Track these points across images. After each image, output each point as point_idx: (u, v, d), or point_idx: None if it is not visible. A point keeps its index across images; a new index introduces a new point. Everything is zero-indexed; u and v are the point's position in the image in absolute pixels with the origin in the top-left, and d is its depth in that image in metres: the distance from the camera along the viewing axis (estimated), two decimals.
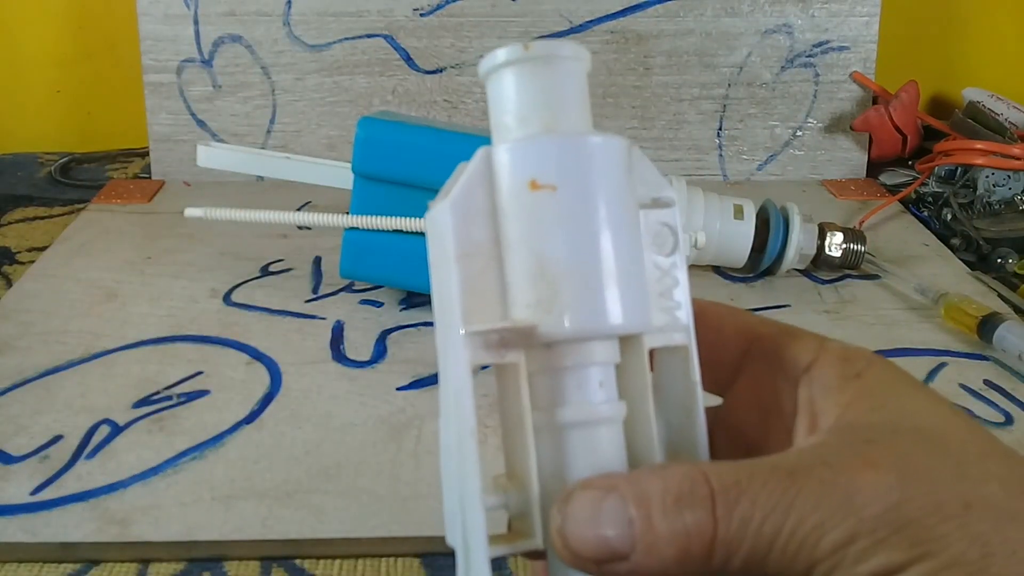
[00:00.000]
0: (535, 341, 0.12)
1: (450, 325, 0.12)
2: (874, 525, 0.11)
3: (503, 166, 0.12)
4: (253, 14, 0.44)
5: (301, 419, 0.27)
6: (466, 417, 0.12)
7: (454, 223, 0.12)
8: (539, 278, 0.12)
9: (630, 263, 0.12)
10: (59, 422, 0.27)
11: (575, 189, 0.12)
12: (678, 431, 0.14)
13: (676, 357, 0.14)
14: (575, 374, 0.13)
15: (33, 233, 0.41)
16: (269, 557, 0.23)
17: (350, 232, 0.32)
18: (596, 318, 0.12)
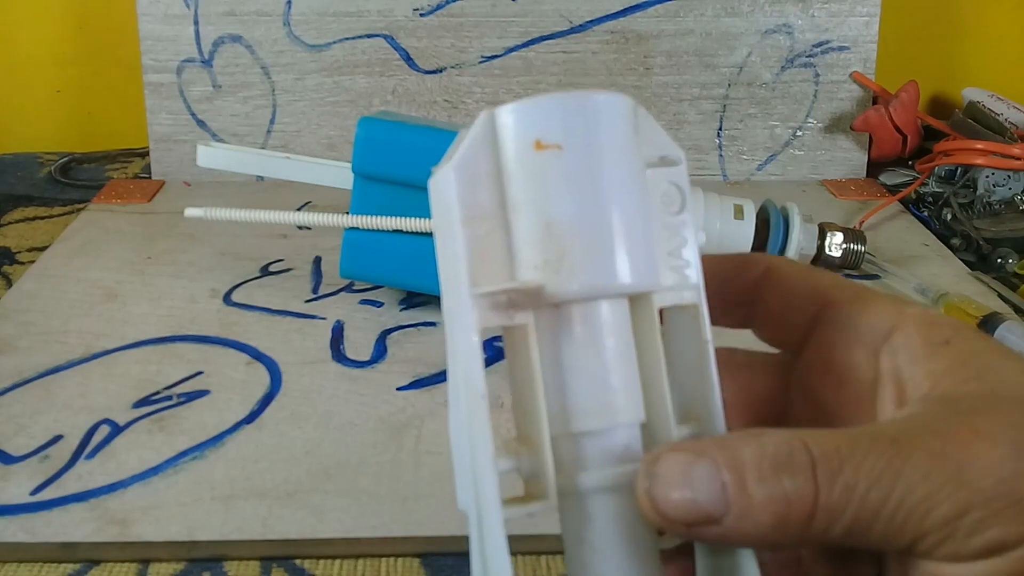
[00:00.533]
0: (543, 301, 0.12)
1: (457, 289, 0.12)
2: (988, 497, 0.11)
3: (507, 127, 0.12)
4: (253, 14, 0.44)
5: (301, 419, 0.27)
6: (475, 380, 0.12)
7: (458, 187, 0.12)
8: (546, 238, 0.12)
9: (638, 221, 0.12)
10: (59, 422, 0.27)
11: (581, 148, 0.12)
12: (691, 391, 0.14)
13: (686, 316, 0.13)
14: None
15: (33, 233, 0.41)
16: (269, 557, 0.23)
17: (350, 232, 0.32)
18: (604, 277, 0.12)
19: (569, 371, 0.12)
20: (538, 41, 0.45)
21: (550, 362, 0.13)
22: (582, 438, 0.12)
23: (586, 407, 0.12)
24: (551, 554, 0.22)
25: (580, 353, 0.12)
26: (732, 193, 0.36)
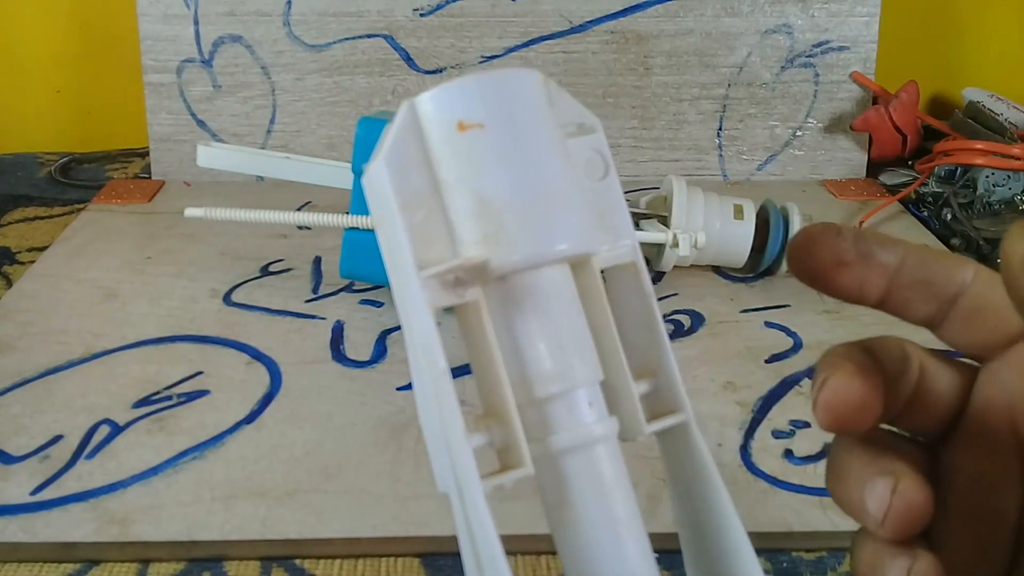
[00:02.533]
0: (489, 276, 0.13)
1: (405, 273, 0.12)
2: None
3: (428, 114, 0.13)
4: (253, 14, 0.44)
5: (301, 419, 0.27)
6: (436, 359, 0.12)
7: (391, 176, 0.12)
8: (482, 214, 0.12)
9: (567, 188, 0.13)
10: (59, 422, 0.27)
11: (502, 124, 0.12)
12: (642, 347, 0.14)
13: (627, 274, 0.14)
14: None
15: (33, 233, 0.41)
16: (269, 557, 0.23)
17: (350, 232, 0.32)
18: (543, 244, 0.12)
19: (524, 340, 0.13)
20: (538, 41, 0.45)
21: (505, 333, 0.13)
22: (547, 403, 0.13)
23: (546, 372, 0.13)
24: (551, 554, 0.22)
25: (532, 321, 0.13)
26: (732, 193, 0.36)
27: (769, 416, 0.27)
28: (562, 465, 0.13)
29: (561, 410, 0.13)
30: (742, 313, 0.33)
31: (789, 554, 0.23)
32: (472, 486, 0.12)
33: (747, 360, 0.30)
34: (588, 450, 0.13)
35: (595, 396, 0.13)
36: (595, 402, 0.13)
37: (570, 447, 0.13)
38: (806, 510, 0.24)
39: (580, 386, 0.13)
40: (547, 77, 0.13)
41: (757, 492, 0.24)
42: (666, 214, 0.35)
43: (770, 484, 0.24)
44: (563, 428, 0.13)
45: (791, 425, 0.27)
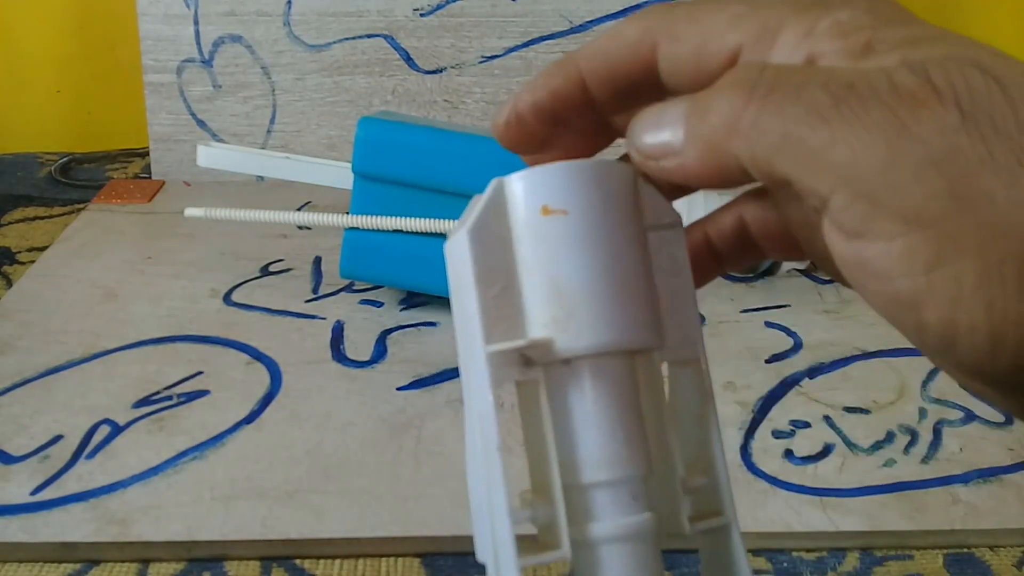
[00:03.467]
0: (553, 357, 0.13)
1: (473, 346, 0.13)
2: (918, 162, 0.10)
3: (516, 194, 0.13)
4: (253, 14, 0.44)
5: (301, 419, 0.27)
6: (491, 434, 0.13)
7: (472, 250, 0.13)
8: (554, 298, 0.13)
9: (640, 282, 0.13)
10: (59, 422, 0.27)
11: (585, 213, 0.13)
12: (694, 442, 0.14)
13: (688, 370, 0.14)
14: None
15: (33, 233, 0.41)
16: (269, 557, 0.23)
17: (350, 232, 0.32)
18: (610, 334, 0.13)
19: (578, 424, 0.13)
20: (538, 41, 0.45)
21: (560, 415, 0.13)
22: (592, 489, 0.13)
23: (595, 459, 0.13)
24: None
25: (588, 407, 0.13)
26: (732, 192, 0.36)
27: (769, 416, 0.27)
28: (599, 553, 0.13)
29: (605, 499, 0.13)
30: (742, 313, 0.33)
31: (789, 554, 0.23)
32: (509, 564, 0.12)
33: (747, 360, 0.30)
34: (626, 543, 0.13)
35: (640, 489, 0.13)
36: (639, 495, 0.13)
37: (609, 537, 0.13)
38: (806, 510, 0.24)
39: (627, 478, 0.13)
40: (637, 171, 0.14)
41: (757, 492, 0.24)
42: None
43: (770, 484, 0.24)
44: (604, 517, 0.13)
45: (791, 425, 0.27)
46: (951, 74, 0.11)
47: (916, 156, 0.10)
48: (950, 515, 0.23)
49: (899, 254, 0.11)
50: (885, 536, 0.23)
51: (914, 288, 0.11)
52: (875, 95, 0.11)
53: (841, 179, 0.11)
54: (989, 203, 0.10)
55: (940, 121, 0.10)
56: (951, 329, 0.11)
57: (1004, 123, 0.10)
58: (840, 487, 0.24)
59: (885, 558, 0.23)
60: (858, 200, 0.11)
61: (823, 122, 0.11)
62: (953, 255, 0.10)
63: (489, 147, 0.31)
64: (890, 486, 0.24)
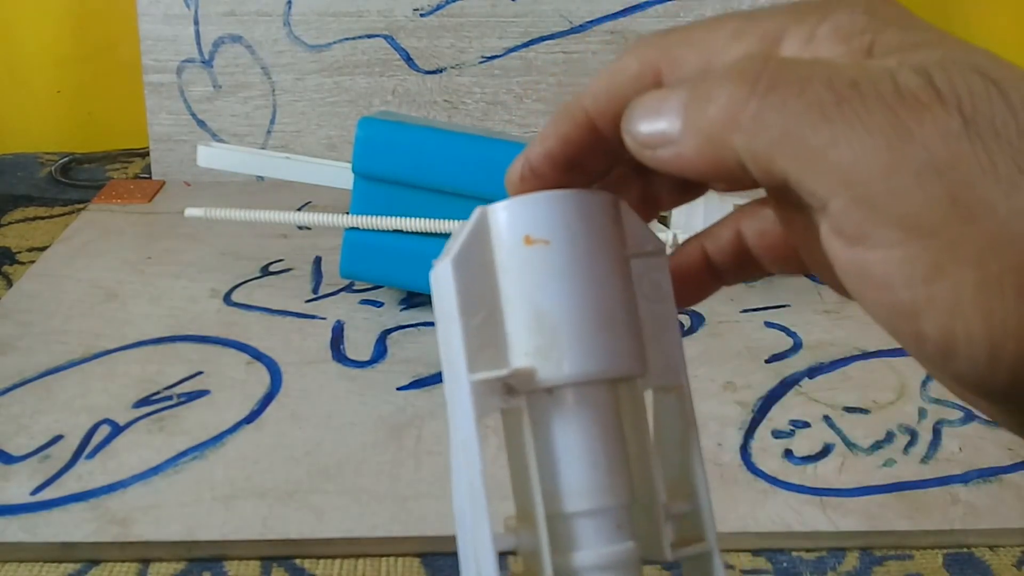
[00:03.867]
0: (536, 386, 0.13)
1: (457, 375, 0.13)
2: (920, 167, 0.10)
3: (499, 223, 0.13)
4: (253, 14, 0.44)
5: (301, 419, 0.27)
6: (474, 463, 0.13)
7: (456, 279, 0.13)
8: (537, 327, 0.13)
9: (623, 310, 0.13)
10: (59, 422, 0.27)
11: (567, 243, 0.13)
12: (677, 469, 0.14)
13: (671, 396, 0.14)
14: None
15: (33, 233, 0.41)
16: (269, 557, 0.23)
17: (350, 232, 0.32)
18: (592, 363, 0.13)
19: (561, 453, 0.13)
20: (538, 41, 0.45)
21: (544, 444, 0.13)
22: (575, 518, 0.13)
23: (578, 488, 0.13)
24: None
25: (571, 436, 0.13)
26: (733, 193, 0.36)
27: (769, 416, 0.27)
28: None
29: (588, 528, 0.13)
30: (742, 313, 0.33)
31: (789, 554, 0.23)
32: None
33: (747, 360, 0.30)
34: (609, 572, 0.13)
35: (624, 518, 0.13)
36: (623, 524, 0.13)
37: (592, 566, 0.13)
38: (806, 510, 0.24)
39: (610, 507, 0.13)
40: (619, 198, 0.14)
41: (757, 492, 0.24)
42: (666, 214, 0.35)
43: (770, 484, 0.24)
44: (587, 546, 0.13)
45: (791, 425, 0.27)
46: (953, 77, 0.11)
47: (918, 161, 0.10)
48: (949, 515, 0.23)
49: (899, 262, 0.10)
50: (885, 536, 0.23)
51: (913, 297, 0.10)
52: (879, 96, 0.10)
53: (841, 182, 0.10)
54: (990, 212, 0.10)
55: (943, 126, 0.10)
56: (950, 340, 0.11)
57: (1005, 129, 0.10)
58: (840, 487, 0.24)
59: (885, 558, 0.23)
60: (858, 204, 0.10)
61: (825, 121, 0.10)
62: (952, 265, 0.10)
63: (489, 147, 0.31)
64: (890, 486, 0.24)
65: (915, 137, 0.10)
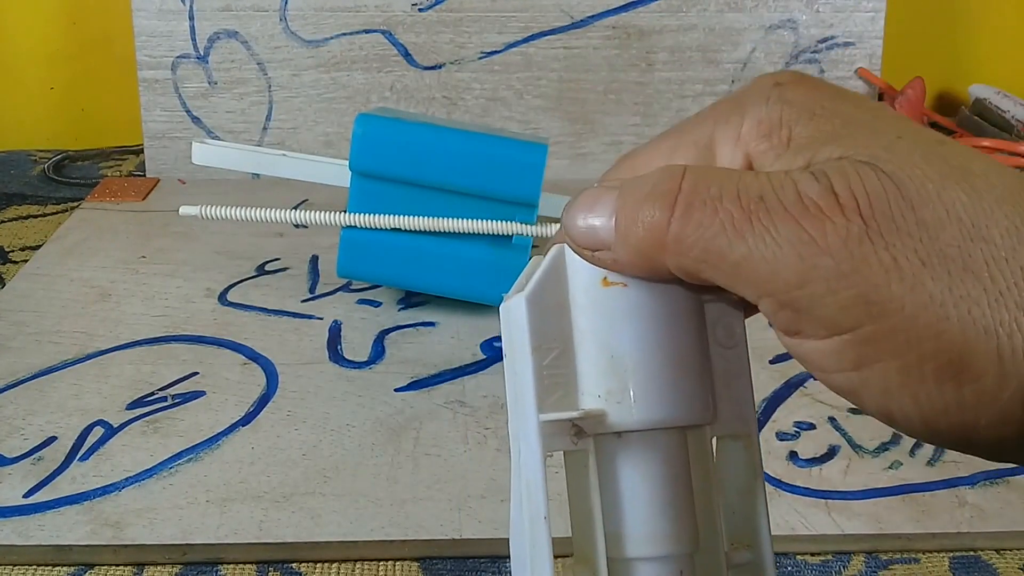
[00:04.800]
0: (605, 429, 0.13)
1: (524, 413, 0.13)
2: (828, 275, 0.11)
3: (576, 263, 0.13)
4: (249, 9, 0.44)
5: (298, 420, 0.27)
6: (538, 504, 0.13)
7: (529, 317, 0.13)
8: (609, 370, 0.13)
9: (695, 356, 0.13)
10: (52, 423, 0.26)
11: (644, 286, 0.13)
12: (740, 517, 0.14)
13: (738, 444, 0.14)
14: None
15: (26, 232, 0.40)
16: (265, 560, 0.22)
17: (347, 231, 0.31)
18: (663, 410, 0.13)
19: (627, 498, 0.13)
20: (538, 37, 0.44)
21: (608, 487, 0.13)
22: (637, 563, 0.13)
23: (641, 534, 0.13)
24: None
25: (637, 481, 0.13)
26: None
27: (774, 418, 0.27)
28: None
29: (650, 574, 0.13)
30: None
31: (794, 557, 0.22)
32: None
33: (751, 361, 0.30)
34: None
35: (687, 566, 0.13)
36: (686, 572, 0.13)
37: None
38: (811, 513, 0.23)
39: (674, 554, 0.13)
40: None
41: None
42: None
43: (774, 487, 0.24)
44: None
45: (796, 427, 0.27)
46: (850, 181, 0.11)
47: (826, 269, 0.11)
48: (956, 518, 0.23)
49: (828, 353, 0.11)
50: (891, 539, 0.23)
51: (848, 381, 0.12)
52: (783, 208, 0.11)
53: (763, 291, 0.11)
54: (898, 309, 0.11)
55: (844, 232, 0.11)
56: (889, 417, 0.12)
57: (904, 223, 0.11)
58: (845, 489, 0.24)
59: (891, 561, 0.22)
60: (783, 307, 0.11)
61: (739, 237, 0.11)
62: (875, 356, 0.11)
63: (489, 144, 0.31)
64: (896, 488, 0.24)
65: (820, 247, 0.11)
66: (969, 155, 0.12)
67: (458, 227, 0.30)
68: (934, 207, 0.11)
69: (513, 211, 0.30)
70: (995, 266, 0.11)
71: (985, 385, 0.11)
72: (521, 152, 0.30)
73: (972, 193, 0.11)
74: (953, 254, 0.11)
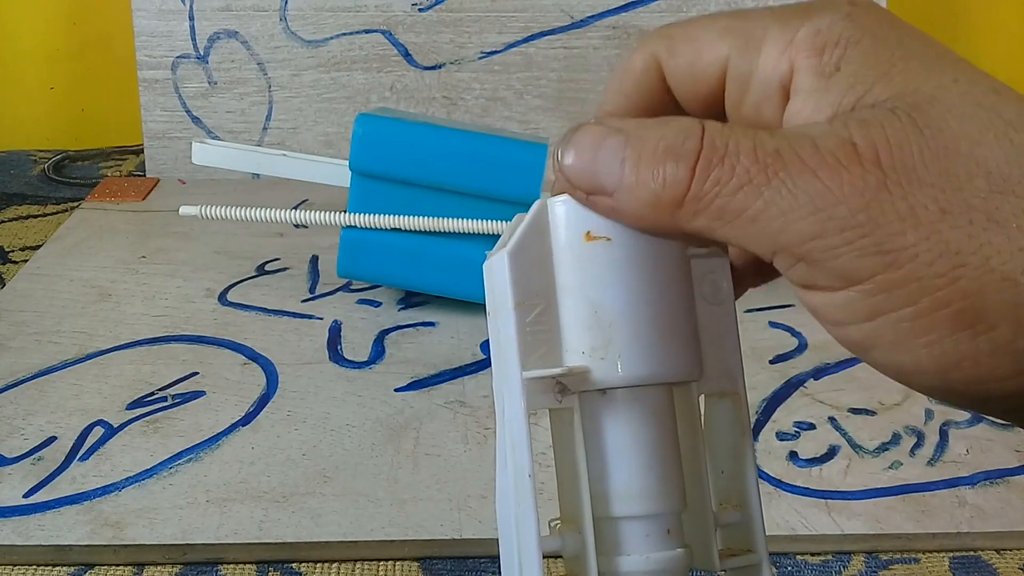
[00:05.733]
0: (589, 386, 0.13)
1: (508, 371, 0.13)
2: (843, 225, 0.11)
3: (559, 218, 0.13)
4: (249, 9, 0.44)
5: (298, 421, 0.27)
6: (523, 462, 0.12)
7: (512, 273, 0.13)
8: (593, 326, 0.13)
9: (681, 312, 0.13)
10: (52, 423, 0.26)
11: (628, 240, 0.13)
12: (728, 476, 0.14)
13: (726, 402, 0.14)
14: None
15: (26, 232, 0.40)
16: (265, 561, 0.22)
17: (347, 230, 0.31)
18: (649, 366, 0.13)
19: (612, 456, 0.13)
20: (538, 37, 0.44)
21: (594, 446, 0.13)
22: (624, 522, 0.13)
23: (628, 492, 0.13)
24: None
25: (623, 439, 0.13)
26: None
27: (774, 418, 0.27)
28: None
29: (637, 532, 0.13)
30: (746, 313, 0.33)
31: (794, 557, 0.22)
32: None
33: (751, 361, 0.30)
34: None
35: (675, 525, 0.13)
36: (674, 531, 0.13)
37: (639, 572, 0.13)
38: (811, 513, 0.23)
39: (661, 513, 0.13)
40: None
41: (761, 495, 0.24)
42: None
43: (774, 487, 0.24)
44: (636, 551, 0.13)
45: (796, 427, 0.27)
46: (873, 131, 0.11)
47: (841, 220, 0.11)
48: (956, 518, 0.23)
49: (842, 305, 0.11)
50: (891, 539, 0.23)
51: (861, 334, 0.11)
52: (799, 161, 0.11)
53: (778, 245, 0.11)
54: (912, 258, 0.11)
55: (862, 182, 0.11)
56: (901, 370, 0.12)
57: (927, 173, 0.11)
58: (845, 489, 0.24)
59: (891, 561, 0.22)
60: (798, 261, 0.11)
61: (756, 193, 0.11)
62: (887, 306, 0.11)
63: (489, 144, 0.31)
64: (896, 488, 0.24)
65: (836, 197, 0.11)
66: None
67: (458, 227, 0.30)
68: (964, 159, 0.11)
69: (513, 211, 0.30)
70: (1023, 218, 0.10)
71: (1000, 334, 0.10)
72: (521, 152, 0.30)
73: (1011, 148, 0.11)
74: (978, 204, 0.10)
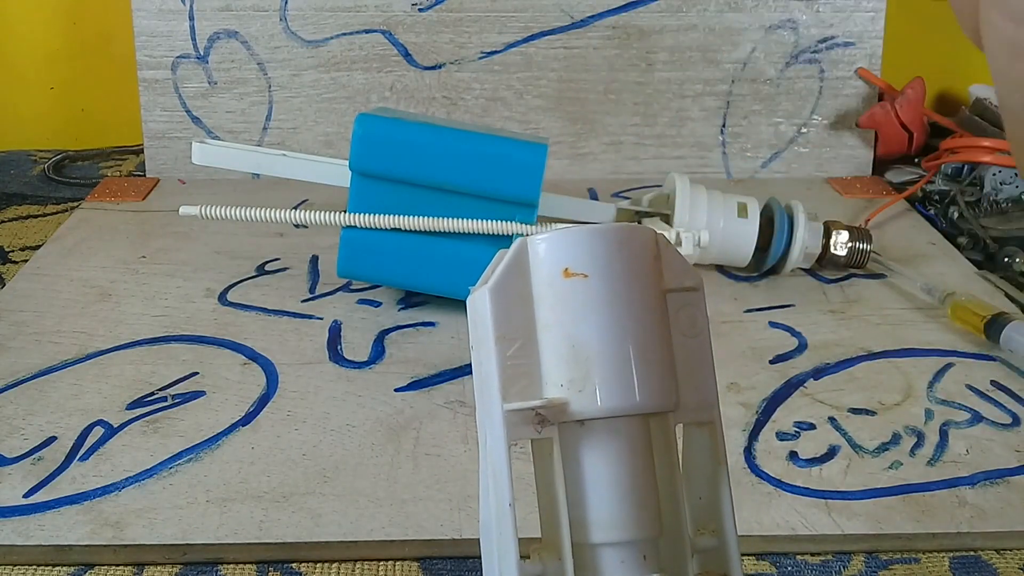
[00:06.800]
0: (568, 417, 0.13)
1: (490, 403, 0.13)
2: None
3: (539, 255, 0.13)
4: (249, 9, 0.44)
5: (298, 421, 0.27)
6: (504, 491, 0.13)
7: (493, 308, 0.13)
8: (571, 359, 0.13)
9: (657, 345, 0.13)
10: (52, 423, 0.26)
11: (605, 277, 0.13)
12: (705, 503, 0.14)
13: (702, 432, 0.14)
14: None
15: (26, 232, 0.40)
16: (265, 561, 0.22)
17: (347, 231, 0.31)
18: (625, 398, 0.13)
19: (590, 485, 0.13)
20: (538, 36, 0.44)
21: (573, 474, 0.14)
22: (602, 548, 0.13)
23: (606, 519, 0.13)
24: None
25: (601, 469, 0.13)
26: (736, 191, 0.36)
27: (774, 418, 0.27)
28: None
29: (614, 559, 0.13)
30: (746, 313, 0.33)
31: (794, 557, 0.22)
32: None
33: (751, 361, 0.30)
34: None
35: (650, 551, 0.13)
36: (650, 556, 0.13)
37: None
38: (811, 513, 0.23)
39: (637, 539, 0.13)
40: (661, 233, 0.14)
41: (761, 495, 0.24)
42: (669, 212, 0.34)
43: (774, 487, 0.24)
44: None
45: (796, 427, 0.27)
46: None
47: None
48: (956, 518, 0.23)
49: None
50: (891, 539, 0.23)
51: None
52: None
53: None
54: None
55: None
56: None
57: None
58: (845, 489, 0.24)
59: (891, 561, 0.22)
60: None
61: None
62: None
63: (489, 144, 0.30)
64: (896, 488, 0.24)
65: None
66: None
67: (458, 227, 0.30)
68: None
69: (513, 211, 0.30)
70: None
71: None
72: (521, 152, 0.30)
73: None
74: None
